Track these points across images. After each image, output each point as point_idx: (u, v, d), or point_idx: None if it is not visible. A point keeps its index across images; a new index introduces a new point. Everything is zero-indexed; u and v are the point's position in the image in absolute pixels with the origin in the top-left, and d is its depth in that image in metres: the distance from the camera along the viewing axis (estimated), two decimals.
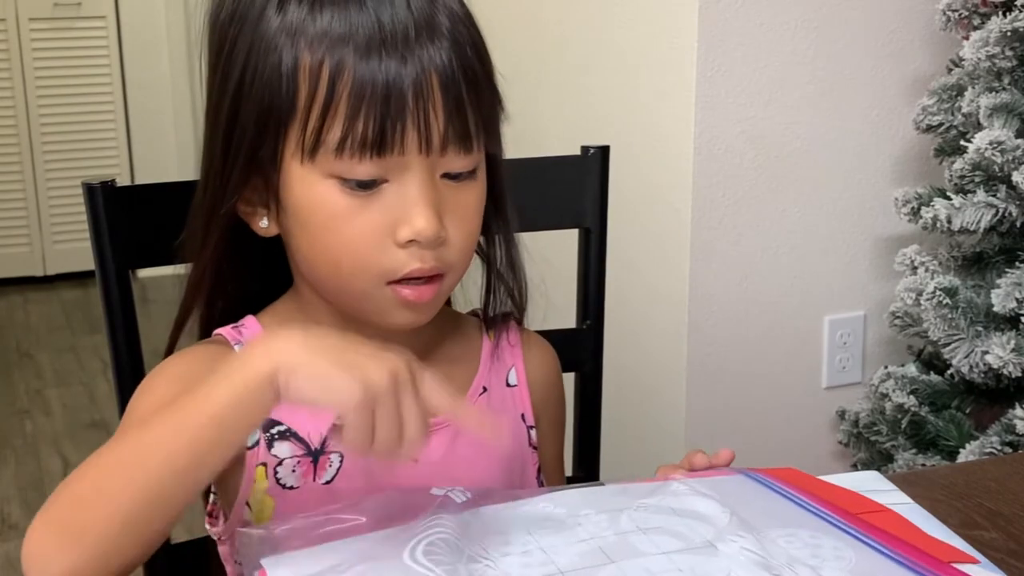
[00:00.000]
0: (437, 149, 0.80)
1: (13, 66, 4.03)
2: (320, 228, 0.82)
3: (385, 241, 0.81)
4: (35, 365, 3.41)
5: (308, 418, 0.85)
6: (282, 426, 0.87)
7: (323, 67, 0.79)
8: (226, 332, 0.90)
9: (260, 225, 0.86)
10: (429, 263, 0.82)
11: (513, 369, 0.98)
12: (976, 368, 1.55)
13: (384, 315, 0.85)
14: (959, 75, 1.65)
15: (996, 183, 1.56)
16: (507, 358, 0.98)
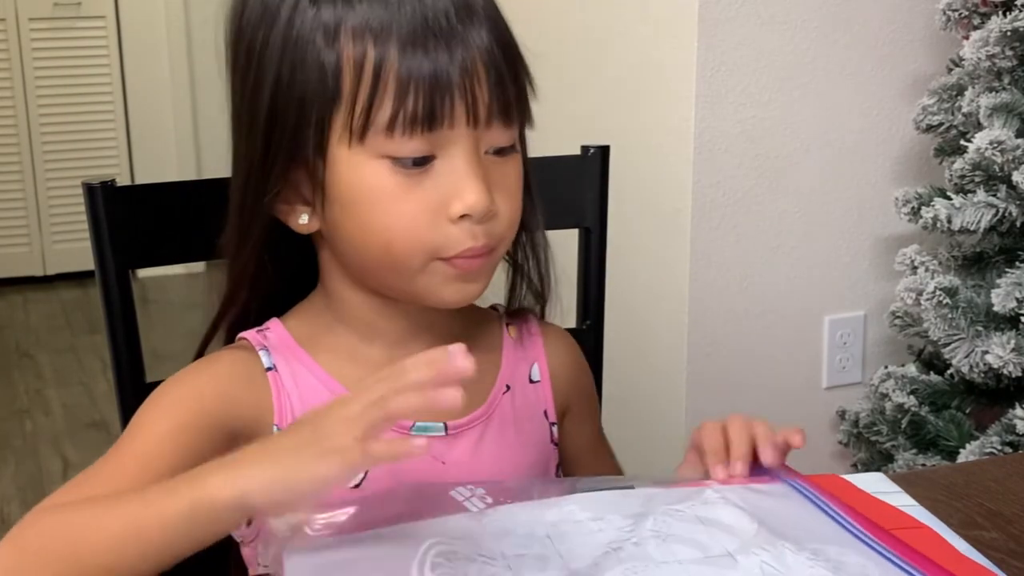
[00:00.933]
0: (484, 121, 0.81)
1: (13, 66, 4.03)
2: (371, 210, 0.82)
3: (438, 218, 0.81)
4: (35, 365, 3.41)
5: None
6: None
7: (366, 58, 0.79)
8: (251, 336, 0.90)
9: (299, 222, 0.86)
10: (481, 240, 0.83)
11: (535, 364, 0.98)
12: (976, 368, 1.55)
13: (436, 292, 0.85)
14: (959, 75, 1.65)
15: (996, 183, 1.56)
16: (529, 353, 0.98)
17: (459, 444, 0.90)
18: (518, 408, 0.94)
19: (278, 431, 0.86)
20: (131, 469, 0.77)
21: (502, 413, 0.93)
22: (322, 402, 0.85)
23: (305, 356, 0.89)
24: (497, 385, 0.94)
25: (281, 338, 0.90)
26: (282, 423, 0.87)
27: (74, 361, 3.41)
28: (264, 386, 0.87)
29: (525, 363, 0.97)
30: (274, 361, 0.89)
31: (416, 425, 0.88)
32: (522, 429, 0.94)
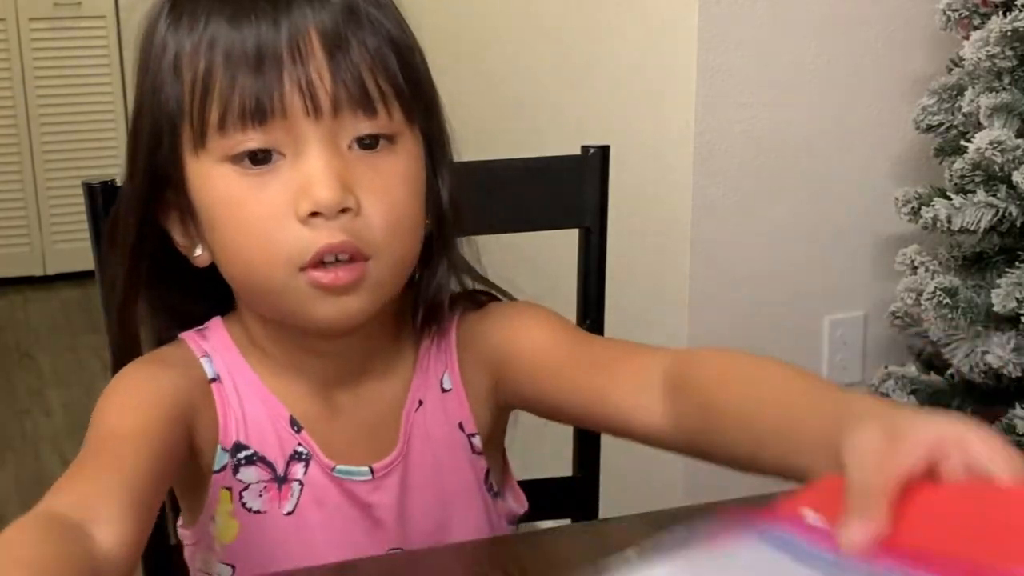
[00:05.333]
0: (328, 112, 0.76)
1: (13, 66, 4.03)
2: (225, 221, 0.79)
3: (287, 219, 0.76)
4: (35, 365, 3.41)
5: (272, 441, 0.85)
6: (249, 450, 0.85)
7: (199, 49, 0.77)
8: (190, 338, 0.87)
9: (195, 255, 0.84)
10: (339, 237, 0.76)
11: (447, 372, 0.91)
12: (976, 368, 1.55)
13: (306, 310, 0.79)
14: (959, 75, 1.65)
15: (996, 183, 1.56)
16: (439, 359, 0.91)
17: (386, 484, 0.87)
18: (430, 424, 0.90)
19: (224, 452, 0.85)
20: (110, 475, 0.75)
21: (420, 434, 0.89)
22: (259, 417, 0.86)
23: (240, 359, 0.87)
24: (409, 401, 0.89)
25: (219, 338, 0.87)
26: (226, 442, 0.85)
27: (74, 361, 3.40)
28: (209, 397, 0.85)
29: (437, 371, 0.91)
30: (217, 368, 0.86)
31: (337, 468, 0.86)
32: (441, 446, 0.90)
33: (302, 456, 0.86)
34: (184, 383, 0.83)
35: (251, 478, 0.85)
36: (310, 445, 0.86)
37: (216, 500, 0.86)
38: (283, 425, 0.86)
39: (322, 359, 0.86)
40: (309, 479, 0.86)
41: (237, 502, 0.85)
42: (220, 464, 0.85)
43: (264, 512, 0.86)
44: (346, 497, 0.87)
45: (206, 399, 0.84)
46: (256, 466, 0.85)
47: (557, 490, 1.15)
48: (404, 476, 0.88)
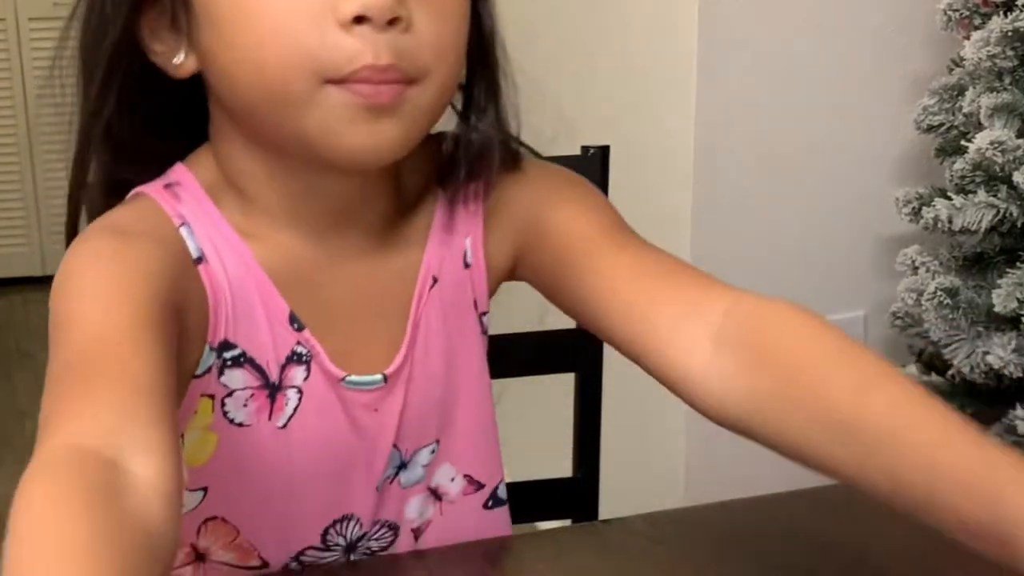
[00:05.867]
0: None
1: (13, 66, 4.02)
2: (236, 12, 0.65)
3: (323, 20, 0.63)
4: (35, 365, 3.40)
5: (266, 340, 0.72)
6: (236, 350, 0.72)
7: None
8: (160, 196, 0.71)
9: (174, 63, 0.69)
10: (385, 57, 0.64)
11: (468, 239, 0.79)
12: (977, 369, 1.55)
13: (332, 133, 0.66)
14: (960, 75, 1.65)
15: (997, 183, 1.56)
16: (461, 229, 0.79)
17: (395, 388, 0.78)
18: (447, 304, 0.78)
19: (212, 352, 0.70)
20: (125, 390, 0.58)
21: (432, 320, 0.78)
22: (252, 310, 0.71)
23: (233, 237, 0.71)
24: (420, 279, 0.77)
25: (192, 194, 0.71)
26: (214, 339, 0.71)
27: None
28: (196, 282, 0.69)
29: (458, 242, 0.79)
30: (200, 243, 0.70)
31: (348, 379, 0.75)
32: (453, 331, 0.79)
33: (301, 358, 0.74)
34: (165, 258, 0.67)
35: (237, 383, 0.73)
36: (313, 347, 0.74)
37: (191, 412, 0.73)
38: (280, 321, 0.73)
39: (323, 218, 0.73)
40: (310, 386, 0.74)
41: (219, 412, 0.73)
42: (204, 366, 0.71)
43: (249, 426, 0.74)
44: (349, 407, 0.76)
45: (193, 283, 0.69)
46: (243, 369, 0.72)
47: (557, 490, 1.15)
48: (411, 374, 0.77)
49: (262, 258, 0.72)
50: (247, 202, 0.73)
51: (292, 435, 0.75)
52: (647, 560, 0.78)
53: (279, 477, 0.76)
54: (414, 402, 0.78)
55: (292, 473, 0.76)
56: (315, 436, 0.75)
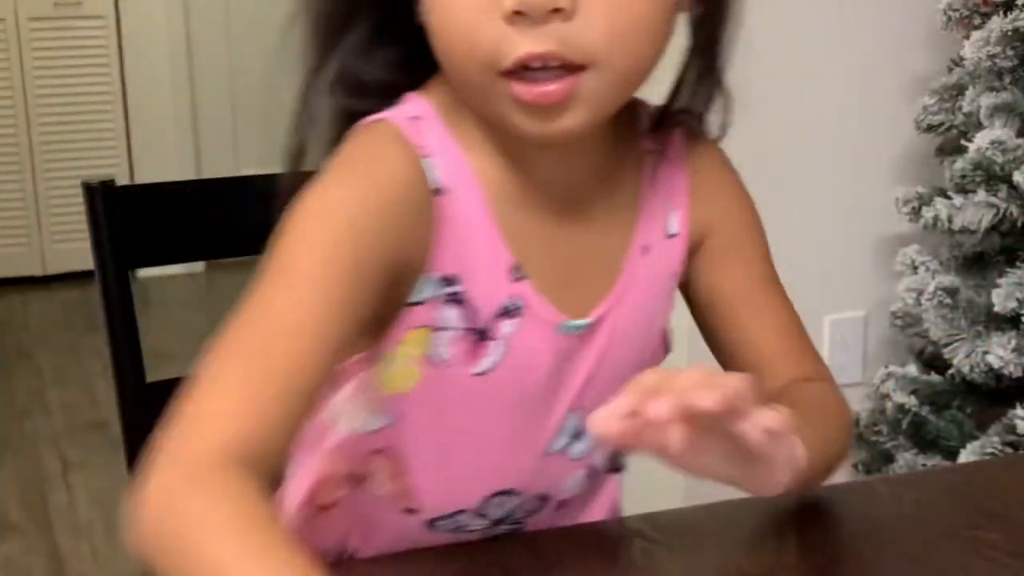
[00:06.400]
0: None
1: (13, 66, 4.02)
2: (435, 9, 0.69)
3: (491, 14, 0.66)
4: (35, 365, 3.40)
5: (484, 285, 0.73)
6: (456, 287, 0.73)
7: None
8: (399, 121, 0.72)
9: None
10: (543, 45, 0.65)
11: (677, 213, 0.81)
12: (977, 368, 1.55)
13: (510, 121, 0.69)
14: (960, 74, 1.65)
15: (997, 183, 1.56)
16: (671, 196, 0.80)
17: (594, 336, 0.78)
18: (651, 275, 0.80)
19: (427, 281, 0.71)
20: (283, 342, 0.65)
21: (635, 285, 0.79)
22: (478, 252, 0.73)
23: (465, 166, 0.73)
24: (634, 244, 0.79)
25: (437, 134, 0.73)
26: (434, 271, 0.72)
27: (74, 361, 3.40)
28: (427, 214, 0.71)
29: (664, 210, 0.80)
30: (440, 177, 0.72)
31: (566, 324, 0.76)
32: (653, 301, 0.80)
33: (514, 311, 0.74)
34: (395, 201, 0.70)
35: (449, 321, 0.73)
36: (528, 299, 0.74)
37: (399, 340, 0.73)
38: (502, 269, 0.74)
39: (543, 157, 0.74)
40: (516, 340, 0.74)
41: (429, 345, 0.74)
42: (420, 295, 0.72)
43: (449, 366, 0.74)
44: (554, 355, 0.76)
45: (423, 213, 0.71)
46: (457, 308, 0.73)
47: None
48: (611, 328, 0.78)
49: (493, 203, 0.73)
50: (478, 134, 0.74)
51: (486, 384, 0.75)
52: (647, 560, 0.78)
53: (459, 426, 0.77)
54: (607, 359, 0.78)
55: (473, 425, 0.77)
56: (508, 390, 0.76)
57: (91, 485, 2.58)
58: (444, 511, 0.80)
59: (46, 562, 2.29)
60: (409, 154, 0.72)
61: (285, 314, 0.66)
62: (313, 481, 0.81)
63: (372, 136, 0.73)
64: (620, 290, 0.78)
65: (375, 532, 0.82)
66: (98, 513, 2.46)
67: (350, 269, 0.68)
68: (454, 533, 0.81)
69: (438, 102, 0.74)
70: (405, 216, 0.70)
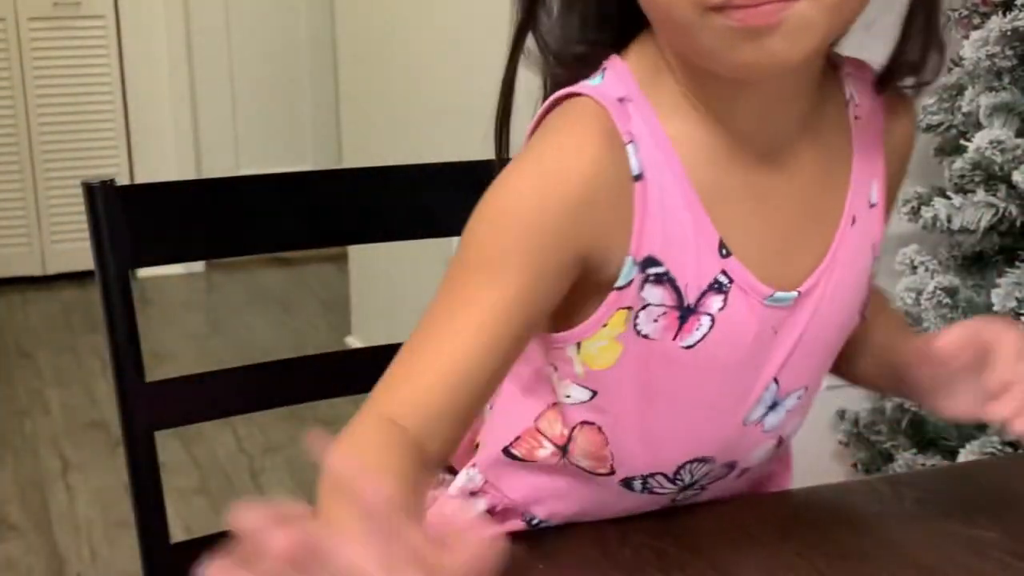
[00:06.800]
0: None
1: (12, 66, 4.02)
2: None
3: None
4: (34, 365, 3.40)
5: (691, 265, 0.73)
6: (661, 267, 0.73)
7: None
8: (607, 103, 0.71)
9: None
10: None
11: (875, 180, 0.80)
12: None
13: (724, 55, 0.67)
14: (959, 74, 1.65)
15: (996, 182, 1.56)
16: (872, 162, 0.79)
17: (800, 308, 0.77)
18: (856, 246, 0.79)
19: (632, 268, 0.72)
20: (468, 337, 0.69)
21: (843, 257, 0.78)
22: (682, 232, 0.72)
23: (669, 149, 0.72)
24: (845, 215, 0.78)
25: (644, 116, 0.72)
26: (639, 253, 0.72)
27: (74, 361, 3.40)
28: (626, 200, 0.71)
29: (868, 178, 0.79)
30: (643, 163, 0.72)
31: (774, 296, 0.75)
32: (855, 273, 0.80)
33: (722, 287, 0.74)
34: (593, 196, 0.70)
35: (654, 299, 0.73)
36: (738, 275, 0.74)
37: (602, 322, 0.74)
38: (709, 247, 0.74)
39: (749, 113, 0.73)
40: (724, 316, 0.75)
41: (631, 323, 0.74)
42: (626, 279, 0.72)
43: (654, 340, 0.75)
44: (761, 327, 0.76)
45: (622, 200, 0.71)
46: (663, 287, 0.73)
47: None
48: (819, 300, 0.78)
49: (697, 179, 0.73)
50: (687, 75, 0.73)
51: (694, 356, 0.75)
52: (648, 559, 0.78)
53: (664, 395, 0.77)
54: (811, 331, 0.79)
55: (679, 393, 0.78)
56: (715, 361, 0.76)
57: (91, 485, 2.58)
58: (639, 472, 0.81)
59: (46, 562, 2.29)
60: (614, 143, 0.71)
61: (471, 309, 0.70)
62: (523, 429, 0.82)
63: (575, 119, 0.73)
64: (830, 262, 0.78)
65: (566, 496, 0.83)
66: (98, 513, 2.46)
67: (541, 263, 0.70)
68: (643, 494, 0.82)
69: (641, 68, 0.74)
70: (602, 207, 0.71)
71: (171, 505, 1.02)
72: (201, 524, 2.31)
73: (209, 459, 2.69)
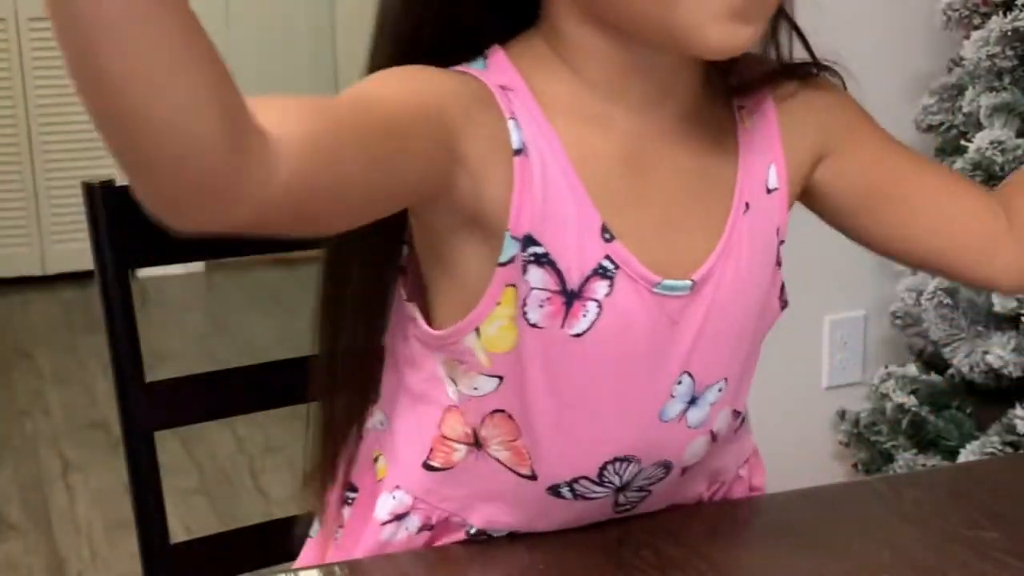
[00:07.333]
0: None
1: (13, 66, 4.02)
2: None
3: None
4: (35, 365, 3.41)
5: (573, 248, 0.73)
6: (541, 248, 0.73)
7: None
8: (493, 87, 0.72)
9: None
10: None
11: (773, 166, 0.81)
12: (976, 368, 1.55)
13: (698, 30, 0.68)
14: (960, 74, 1.65)
15: (997, 183, 1.56)
16: (766, 148, 0.80)
17: (698, 298, 0.77)
18: (754, 232, 0.79)
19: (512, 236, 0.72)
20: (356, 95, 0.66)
21: (739, 243, 0.79)
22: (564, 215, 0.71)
23: (553, 137, 0.73)
24: (736, 202, 0.79)
25: (527, 105, 0.73)
26: (517, 229, 0.72)
27: (74, 361, 3.40)
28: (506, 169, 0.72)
29: (762, 164, 0.80)
30: (524, 140, 0.72)
31: (663, 283, 0.75)
32: (755, 259, 0.80)
33: (607, 272, 0.74)
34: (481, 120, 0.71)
35: (536, 282, 0.73)
36: (623, 259, 0.74)
37: (495, 300, 0.74)
38: (591, 231, 0.74)
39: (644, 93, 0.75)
40: (611, 302, 0.74)
41: (520, 307, 0.74)
42: (508, 255, 0.73)
43: (542, 328, 0.74)
44: (653, 317, 0.76)
45: (502, 167, 0.72)
46: (544, 270, 0.73)
47: None
48: (718, 287, 0.78)
49: (581, 164, 0.74)
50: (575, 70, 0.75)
51: (585, 346, 0.75)
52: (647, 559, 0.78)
53: (562, 390, 0.77)
54: (713, 320, 0.78)
55: (576, 388, 0.77)
56: (608, 352, 0.76)
57: (91, 485, 2.58)
58: (562, 477, 0.79)
59: (46, 562, 2.29)
60: (496, 114, 0.72)
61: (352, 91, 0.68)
62: (431, 440, 0.81)
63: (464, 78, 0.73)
64: (723, 250, 0.78)
65: (497, 499, 0.81)
66: (98, 513, 2.46)
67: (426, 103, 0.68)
68: (578, 501, 0.81)
69: (524, 61, 0.75)
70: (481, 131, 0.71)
71: (171, 505, 1.02)
72: (201, 524, 2.31)
73: (209, 459, 2.69)
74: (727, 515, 0.85)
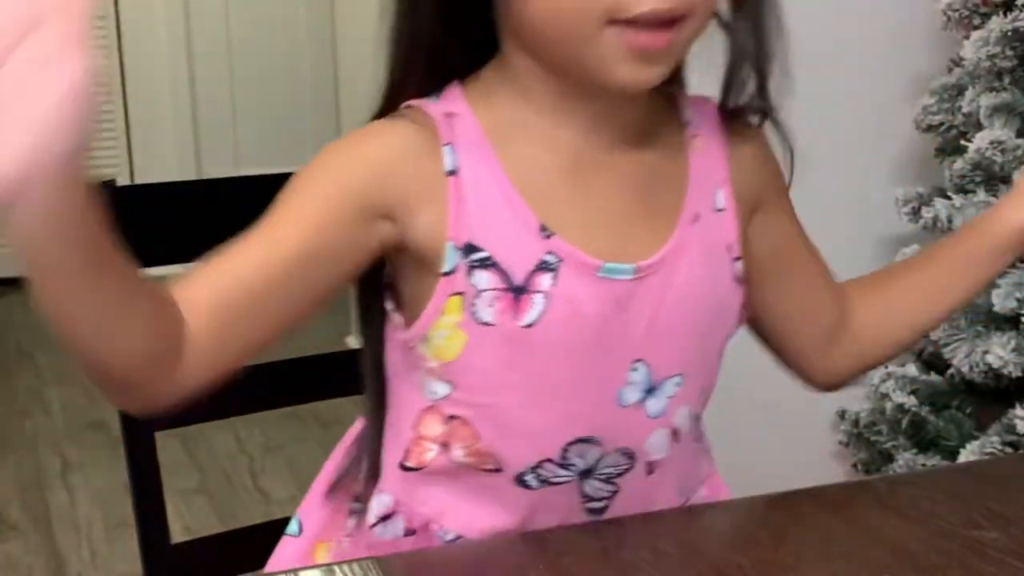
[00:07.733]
0: None
1: None
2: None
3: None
4: (35, 365, 3.41)
5: (513, 247, 0.78)
6: (483, 252, 0.77)
7: None
8: (438, 118, 0.79)
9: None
10: (668, 3, 0.71)
11: (721, 191, 0.86)
12: (976, 368, 1.55)
13: (608, 68, 0.73)
14: (959, 75, 1.65)
15: (996, 183, 1.56)
16: (714, 172, 0.86)
17: (645, 286, 0.80)
18: (706, 243, 0.83)
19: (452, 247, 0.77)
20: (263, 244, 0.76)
21: (691, 247, 0.83)
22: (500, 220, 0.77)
23: (490, 154, 0.79)
24: (685, 211, 0.83)
25: (468, 128, 0.79)
26: (457, 239, 0.77)
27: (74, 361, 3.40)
28: (440, 190, 0.78)
29: (711, 184, 0.85)
30: (458, 162, 0.78)
31: (605, 266, 0.79)
32: (709, 265, 0.84)
33: (550, 266, 0.78)
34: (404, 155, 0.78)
35: (483, 284, 0.77)
36: (564, 252, 0.78)
37: (438, 311, 0.79)
38: (529, 231, 0.78)
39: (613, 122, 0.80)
40: (557, 291, 0.78)
41: (468, 311, 0.78)
42: (450, 265, 0.77)
43: (494, 325, 0.78)
44: (600, 302, 0.79)
45: (436, 191, 0.77)
46: (489, 271, 0.78)
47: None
48: (668, 275, 0.81)
49: (517, 174, 0.79)
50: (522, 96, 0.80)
51: (536, 335, 0.78)
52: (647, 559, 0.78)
53: (522, 379, 0.80)
54: (665, 314, 0.81)
55: (535, 375, 0.79)
56: (560, 338, 0.78)
57: (91, 485, 2.58)
58: (526, 464, 0.82)
59: (46, 562, 2.29)
60: (429, 140, 0.78)
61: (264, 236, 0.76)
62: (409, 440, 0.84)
63: (399, 116, 0.81)
64: (674, 248, 0.82)
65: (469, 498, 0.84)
66: (98, 513, 2.46)
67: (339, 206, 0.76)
68: (545, 488, 0.82)
69: (473, 91, 0.81)
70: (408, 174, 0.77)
71: (171, 505, 1.02)
72: (201, 524, 2.31)
73: (209, 459, 2.69)
74: (726, 515, 0.85)
